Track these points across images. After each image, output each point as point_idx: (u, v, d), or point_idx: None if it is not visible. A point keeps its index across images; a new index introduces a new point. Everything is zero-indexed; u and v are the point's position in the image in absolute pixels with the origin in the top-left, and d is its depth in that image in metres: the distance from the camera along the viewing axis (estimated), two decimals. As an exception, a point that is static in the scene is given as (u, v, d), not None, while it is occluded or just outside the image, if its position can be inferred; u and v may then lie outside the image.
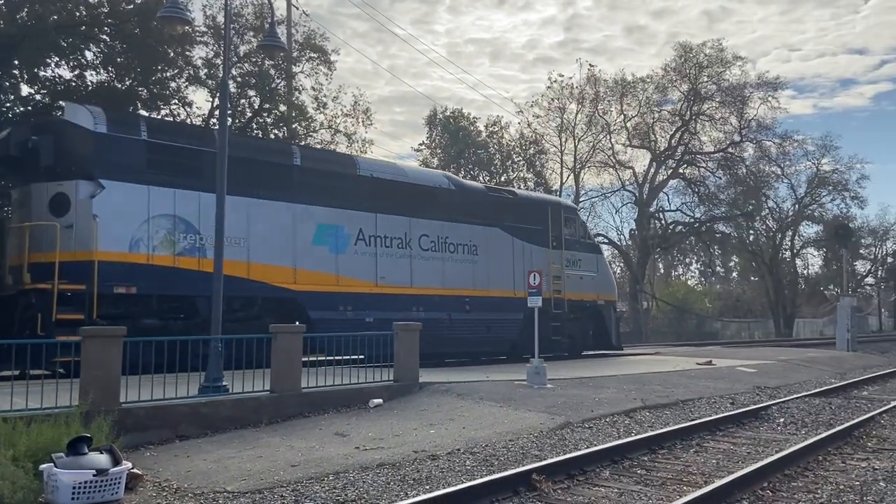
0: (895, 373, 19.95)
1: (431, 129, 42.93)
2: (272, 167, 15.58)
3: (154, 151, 13.80)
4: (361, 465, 7.74)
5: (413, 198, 17.86)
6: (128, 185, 13.28)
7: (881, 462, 8.24)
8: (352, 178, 17.01)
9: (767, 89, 45.51)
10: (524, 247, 20.01)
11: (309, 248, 15.74)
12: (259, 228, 14.89)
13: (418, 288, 17.37)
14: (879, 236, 66.84)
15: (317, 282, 15.71)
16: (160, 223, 13.60)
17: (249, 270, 14.65)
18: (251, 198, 14.74)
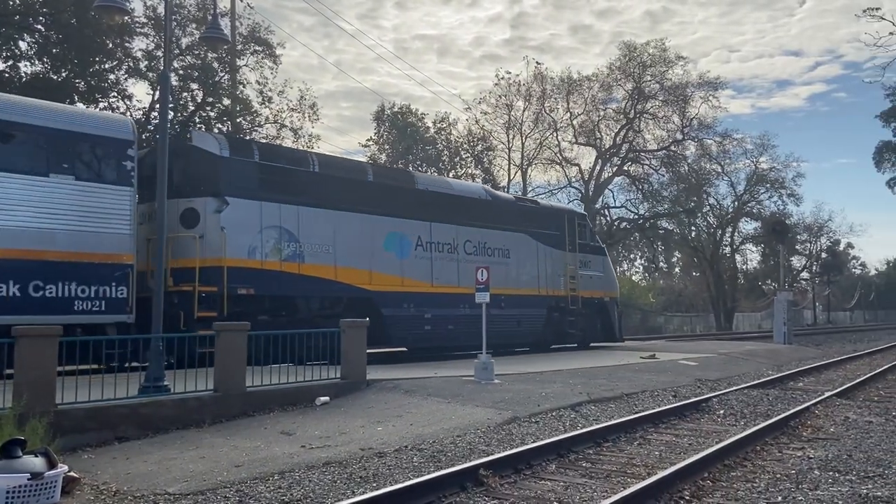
0: (829, 365, 20.71)
1: (379, 124, 42.78)
2: (352, 183, 17.63)
3: (264, 172, 15.86)
4: (307, 464, 7.64)
5: (458, 208, 20.07)
6: (245, 201, 15.28)
7: (815, 451, 8.52)
8: (411, 191, 19.22)
9: (708, 89, 46.73)
10: (546, 250, 22.34)
11: (381, 253, 17.78)
12: (343, 237, 16.86)
13: (464, 287, 18.90)
14: (814, 232, 69.29)
15: (387, 283, 17.76)
16: (269, 233, 15.58)
17: (336, 274, 16.67)
18: (336, 210, 16.84)
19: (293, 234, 15.97)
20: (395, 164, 38.62)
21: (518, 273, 21.35)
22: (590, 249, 24.52)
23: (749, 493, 6.67)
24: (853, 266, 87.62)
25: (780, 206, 55.51)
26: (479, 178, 42.87)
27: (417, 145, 41.62)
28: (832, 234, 71.08)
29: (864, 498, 6.43)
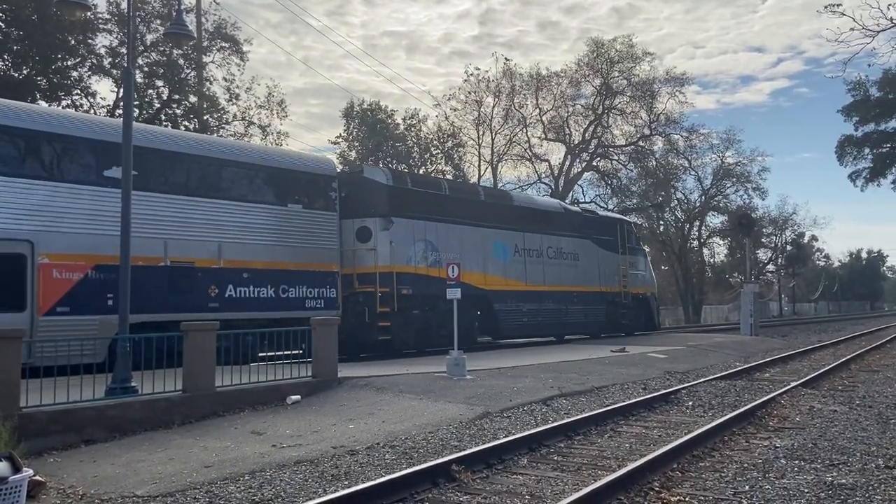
0: (794, 355, 21.09)
1: (349, 121, 42.49)
2: (470, 203, 21.75)
3: (414, 196, 19.74)
4: (278, 464, 7.59)
5: (541, 220, 24.13)
6: (404, 220, 19.03)
7: (782, 440, 8.67)
8: (509, 207, 23.21)
9: (675, 84, 47.16)
10: (604, 254, 26.43)
11: (491, 259, 21.52)
12: (465, 246, 20.44)
13: (548, 286, 23.38)
14: (779, 226, 70.47)
15: (496, 283, 21.59)
16: (419, 245, 19.32)
17: (464, 276, 18.14)
18: (461, 225, 20.68)
19: (434, 244, 19.76)
20: (365, 161, 38.43)
21: (585, 273, 25.29)
22: (636, 252, 28.99)
23: (717, 482, 6.77)
24: (817, 258, 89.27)
25: (745, 200, 56.40)
26: (449, 174, 42.88)
27: (387, 142, 41.47)
28: (797, 227, 72.47)
29: (830, 485, 6.56)
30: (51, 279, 12.87)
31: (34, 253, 12.72)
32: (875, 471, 7.08)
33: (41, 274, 12.77)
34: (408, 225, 19.10)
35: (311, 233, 17.22)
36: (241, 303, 15.65)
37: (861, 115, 35.07)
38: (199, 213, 15.21)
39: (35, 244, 12.70)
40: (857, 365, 18.44)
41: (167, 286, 14.47)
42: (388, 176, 19.81)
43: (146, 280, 13.74)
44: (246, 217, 15.99)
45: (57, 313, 12.88)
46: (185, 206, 15.03)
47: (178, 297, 14.55)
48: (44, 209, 12.93)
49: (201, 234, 15.18)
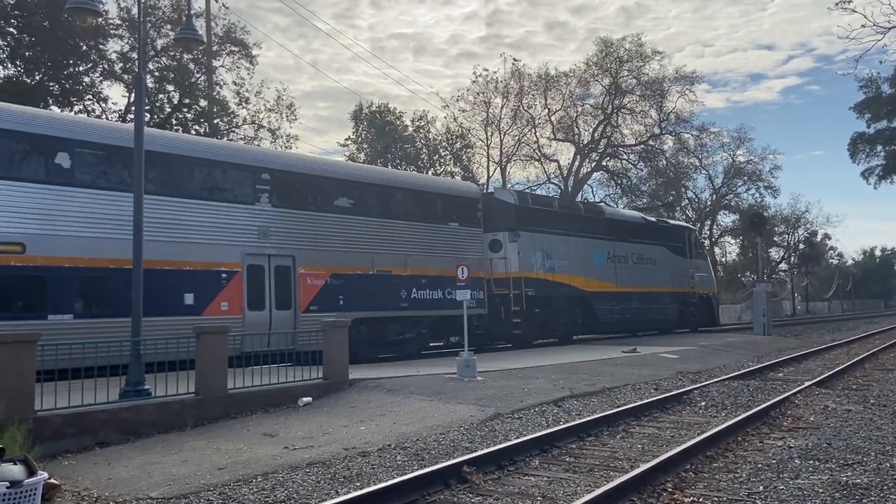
0: (808, 355, 20.95)
1: (357, 124, 42.63)
2: (574, 217, 25.53)
3: (533, 213, 23.39)
4: (291, 465, 7.61)
5: (627, 230, 27.75)
6: (527, 233, 22.60)
7: (796, 440, 8.61)
8: (602, 220, 27.02)
9: (685, 83, 47.04)
10: (675, 258, 30.05)
11: (590, 265, 25.17)
12: (571, 254, 24.25)
13: (633, 287, 27.10)
14: (791, 224, 70.11)
15: (596, 286, 25.30)
16: (538, 254, 22.93)
17: (570, 280, 24.14)
18: (567, 236, 24.32)
19: (549, 253, 23.30)
20: (374, 162, 38.51)
21: (661, 276, 28.89)
22: (700, 256, 32.84)
23: (731, 483, 6.74)
24: (830, 257, 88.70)
25: (757, 199, 56.23)
26: (458, 176, 42.90)
27: (396, 144, 41.55)
28: (809, 226, 72.11)
29: (844, 485, 6.51)
30: (306, 285, 16.86)
31: (295, 265, 16.63)
32: (890, 470, 7.03)
33: (301, 281, 16.68)
34: (530, 237, 22.77)
35: (465, 246, 21.13)
36: (421, 303, 19.51)
37: (873, 112, 34.83)
38: (394, 232, 19.14)
39: (296, 259, 16.62)
40: (871, 364, 18.30)
41: (374, 290, 18.25)
42: (515, 197, 23.84)
43: (361, 286, 17.88)
44: (422, 234, 20.01)
45: (310, 311, 16.65)
46: (385, 227, 18.88)
47: (380, 299, 18.40)
48: (304, 234, 17.06)
49: (395, 248, 19.03)
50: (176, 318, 13.86)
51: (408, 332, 19.34)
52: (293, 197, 17.00)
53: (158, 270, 13.90)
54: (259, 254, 16.05)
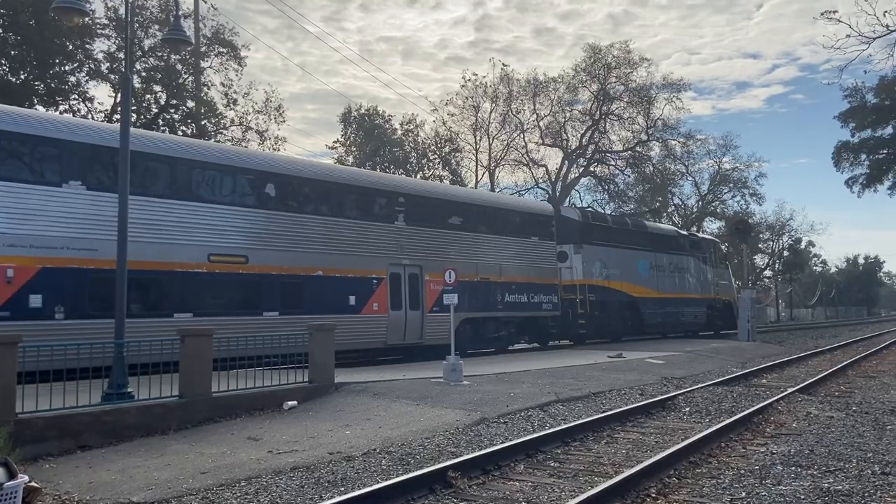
0: (791, 361, 21.09)
1: (346, 126, 42.56)
2: (623, 231, 29.07)
3: (592, 228, 27.09)
4: (274, 470, 7.58)
5: (664, 242, 31.35)
6: (588, 245, 26.19)
7: (778, 446, 8.67)
8: (645, 233, 30.43)
9: (672, 90, 47.34)
10: (703, 268, 33.58)
11: (637, 274, 28.61)
12: (621, 264, 27.84)
13: (671, 294, 30.58)
14: (776, 231, 70.72)
15: (642, 292, 28.73)
16: (597, 264, 26.46)
17: (622, 287, 27.75)
18: (618, 248, 27.71)
19: (605, 263, 26.80)
20: (363, 165, 38.46)
21: (692, 284, 32.48)
22: (722, 265, 36.58)
23: (714, 489, 6.77)
24: (814, 264, 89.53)
25: (742, 206, 56.63)
26: (446, 180, 42.92)
27: (385, 147, 41.52)
28: (794, 233, 72.76)
29: (826, 492, 6.56)
30: (430, 289, 19.91)
31: (422, 273, 19.78)
32: (871, 477, 7.09)
33: (427, 286, 19.83)
34: (591, 249, 26.29)
35: (542, 257, 24.18)
36: (512, 306, 22.62)
37: (857, 121, 35.17)
38: (492, 245, 22.40)
39: (423, 267, 19.78)
40: (853, 371, 18.45)
41: (478, 294, 21.32)
42: (578, 214, 27.64)
43: (468, 291, 20.77)
44: (511, 247, 23.17)
45: (433, 311, 19.80)
46: (486, 241, 22.27)
47: (482, 302, 21.59)
48: (429, 247, 20.29)
49: (493, 259, 22.22)
50: (344, 315, 17.24)
51: (501, 331, 22.57)
52: (420, 216, 20.18)
53: (334, 277, 17.65)
54: (397, 263, 19.30)
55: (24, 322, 12.17)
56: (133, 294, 13.01)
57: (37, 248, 12.85)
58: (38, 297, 12.82)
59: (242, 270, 15.78)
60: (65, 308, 13.10)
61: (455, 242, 21.10)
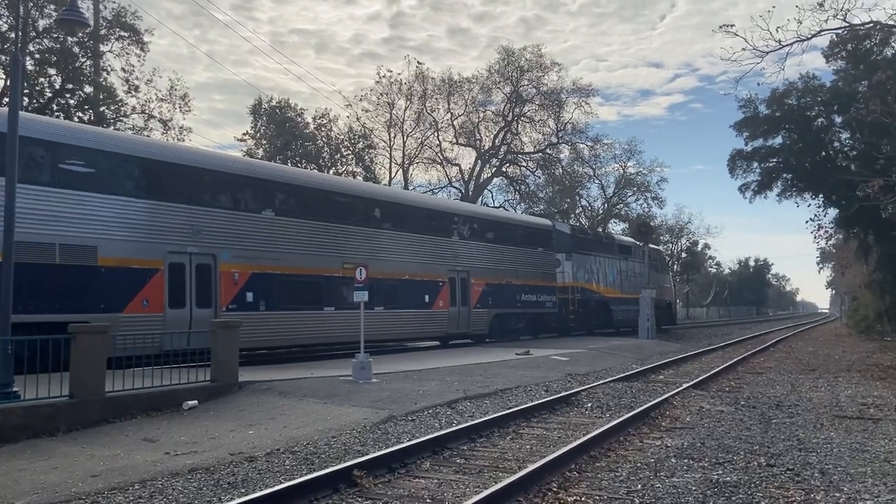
0: (687, 358, 22.06)
1: (256, 118, 41.49)
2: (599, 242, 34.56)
3: (580, 240, 32.35)
4: (171, 472, 7.30)
5: (626, 251, 36.95)
6: (576, 254, 31.19)
7: (673, 440, 9.04)
8: (614, 244, 36.20)
9: (581, 95, 48.53)
10: (650, 272, 38.19)
11: (608, 277, 34.11)
12: (597, 269, 33.13)
13: (631, 294, 34.68)
14: (675, 234, 73.72)
15: (611, 293, 34.11)
16: (581, 270, 31.66)
17: (597, 288, 32.93)
18: (595, 256, 33.04)
19: (587, 269, 32.30)
20: (273, 159, 37.63)
21: (638, 284, 36.09)
22: (665, 271, 44.24)
23: (612, 482, 6.98)
24: (710, 265, 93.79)
25: (645, 209, 58.66)
26: (359, 176, 42.57)
27: (297, 141, 40.76)
28: (691, 236, 76.05)
29: (715, 483, 6.88)
30: (474, 290, 24.87)
31: (469, 277, 24.62)
32: (757, 468, 7.48)
33: (472, 288, 24.75)
34: (577, 258, 31.53)
35: (545, 264, 29.36)
36: (526, 304, 27.75)
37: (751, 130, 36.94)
38: (515, 255, 27.58)
39: (470, 273, 24.70)
40: (743, 367, 19.46)
41: (504, 294, 26.48)
42: (569, 228, 33.56)
43: (498, 291, 26.16)
44: (524, 256, 28.00)
45: (476, 308, 24.88)
46: (511, 252, 27.37)
47: (507, 301, 26.54)
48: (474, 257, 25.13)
49: (514, 266, 27.36)
50: (420, 310, 22.27)
51: (518, 324, 27.63)
52: (469, 232, 25.29)
53: (416, 280, 22.26)
54: (454, 269, 24.00)
55: (243, 312, 16.27)
56: (301, 292, 18.33)
57: (249, 260, 17.09)
58: (251, 294, 17.04)
59: (347, 274, 18.48)
60: (265, 302, 17.30)
61: (491, 253, 26.22)
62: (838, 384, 15.25)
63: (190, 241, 15.77)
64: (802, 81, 35.97)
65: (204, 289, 15.93)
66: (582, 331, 31.33)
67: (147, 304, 14.85)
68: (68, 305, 13.57)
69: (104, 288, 14.22)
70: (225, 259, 16.47)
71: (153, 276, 15.01)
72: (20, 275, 11.07)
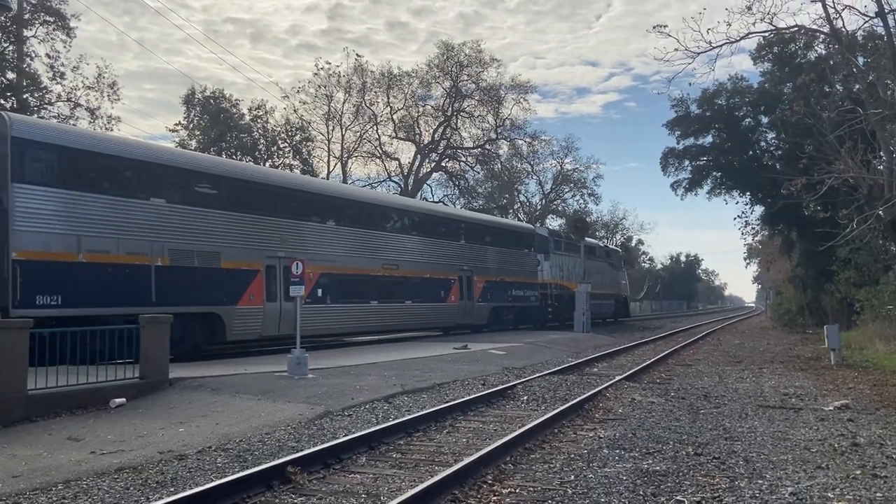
0: (621, 351, 22.57)
1: (189, 109, 40.43)
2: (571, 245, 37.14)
3: (556, 242, 36.44)
4: (97, 471, 7.06)
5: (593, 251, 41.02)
6: (553, 254, 35.29)
7: (605, 431, 9.22)
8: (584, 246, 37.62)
9: (519, 92, 49.10)
10: (613, 271, 44.28)
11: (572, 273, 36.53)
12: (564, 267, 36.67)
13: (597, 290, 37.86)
14: (611, 229, 75.31)
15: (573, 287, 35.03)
16: (556, 268, 35.71)
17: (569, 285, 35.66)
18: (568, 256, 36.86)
19: (561, 268, 36.35)
20: (207, 150, 36.75)
21: (607, 282, 42.49)
22: (623, 269, 48.88)
23: (546, 473, 7.08)
24: (643, 260, 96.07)
25: (581, 205, 59.74)
26: (297, 169, 41.98)
27: (231, 132, 39.90)
28: (626, 231, 77.83)
29: (645, 472, 7.05)
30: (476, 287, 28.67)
31: (472, 275, 28.34)
32: (685, 457, 7.70)
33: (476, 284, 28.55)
34: (554, 257, 35.80)
35: (528, 263, 33.09)
36: (515, 298, 31.56)
37: (682, 129, 37.95)
38: (506, 255, 31.14)
39: (473, 271, 28.28)
40: (673, 360, 20.03)
41: (499, 290, 30.37)
42: (547, 232, 37.61)
43: (494, 287, 29.86)
44: (511, 256, 31.69)
45: (478, 302, 28.72)
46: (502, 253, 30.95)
47: (502, 296, 30.51)
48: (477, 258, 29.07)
49: (506, 265, 31.00)
50: (438, 304, 26.47)
51: (509, 315, 31.44)
52: (472, 236, 29.22)
53: (434, 278, 26.24)
54: (462, 269, 27.94)
55: (315, 305, 20.00)
56: (354, 289, 21.85)
57: (318, 262, 20.23)
58: (320, 290, 20.40)
59: (396, 274, 23.96)
60: (330, 296, 20.81)
61: (489, 255, 29.91)
62: (762, 375, 15.84)
63: (279, 248, 19.07)
64: (731, 82, 37.20)
65: (287, 286, 17.49)
66: (558, 322, 34.83)
67: (252, 298, 18.20)
68: (204, 298, 17.04)
69: (225, 285, 17.62)
70: None
71: (255, 276, 18.36)
72: (176, 274, 16.27)
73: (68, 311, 13.81)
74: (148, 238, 15.79)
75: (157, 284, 15.86)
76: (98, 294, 14.55)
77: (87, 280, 14.42)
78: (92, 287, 14.47)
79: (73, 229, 14.32)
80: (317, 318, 19.65)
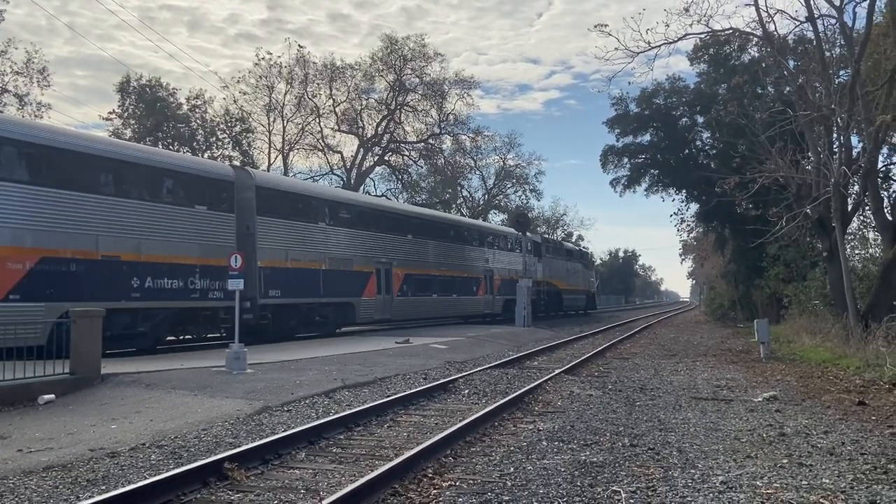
0: (560, 345, 22.91)
1: (124, 97, 39.23)
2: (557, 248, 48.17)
3: (546, 246, 44.34)
4: (24, 470, 6.80)
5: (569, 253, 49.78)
6: (545, 256, 43.08)
7: (545, 424, 9.35)
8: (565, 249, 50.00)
9: (463, 87, 49.18)
10: (585, 271, 52.45)
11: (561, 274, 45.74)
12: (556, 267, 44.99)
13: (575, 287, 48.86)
14: (552, 225, 76.26)
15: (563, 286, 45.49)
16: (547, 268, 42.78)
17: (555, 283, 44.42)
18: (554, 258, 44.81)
19: (550, 268, 42.96)
20: (143, 141, 35.71)
21: (580, 280, 50.46)
22: (591, 268, 57.26)
23: (486, 466, 7.14)
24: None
25: (523, 200, 60.37)
26: (236, 161, 41.18)
27: (168, 122, 38.88)
28: (567, 227, 78.99)
29: (583, 463, 7.18)
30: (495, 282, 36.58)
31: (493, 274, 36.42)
32: (622, 449, 7.87)
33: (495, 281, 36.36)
34: (547, 259, 42.45)
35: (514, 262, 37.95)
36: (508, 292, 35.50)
37: (621, 128, 38.71)
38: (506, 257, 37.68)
39: (493, 271, 36.53)
40: (611, 353, 20.44)
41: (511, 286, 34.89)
42: (539, 237, 43.81)
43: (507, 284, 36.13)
44: (508, 257, 37.61)
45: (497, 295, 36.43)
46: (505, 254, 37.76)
47: (511, 290, 34.15)
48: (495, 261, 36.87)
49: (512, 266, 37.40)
50: (472, 296, 33.53)
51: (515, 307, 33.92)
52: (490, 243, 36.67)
53: (466, 277, 33.07)
54: (486, 269, 35.07)
55: (402, 298, 27.45)
56: (424, 285, 28.99)
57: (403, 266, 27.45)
58: (405, 286, 27.54)
59: (447, 274, 31.26)
60: (411, 291, 27.90)
61: (503, 257, 37.22)
62: (696, 368, 16.31)
63: (382, 256, 26.11)
64: (669, 82, 38.10)
65: (388, 283, 26.34)
66: (547, 314, 41.45)
67: (370, 292, 25.25)
68: (344, 292, 23.87)
69: (355, 283, 24.46)
70: (395, 266, 26.99)
71: (371, 276, 25.38)
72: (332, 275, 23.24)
73: (284, 300, 20.92)
74: (318, 250, 22.71)
75: (324, 282, 22.59)
76: (299, 288, 21.52)
77: (292, 279, 21.17)
78: (294, 283, 21.29)
79: (283, 246, 21.20)
80: (404, 307, 27.43)
